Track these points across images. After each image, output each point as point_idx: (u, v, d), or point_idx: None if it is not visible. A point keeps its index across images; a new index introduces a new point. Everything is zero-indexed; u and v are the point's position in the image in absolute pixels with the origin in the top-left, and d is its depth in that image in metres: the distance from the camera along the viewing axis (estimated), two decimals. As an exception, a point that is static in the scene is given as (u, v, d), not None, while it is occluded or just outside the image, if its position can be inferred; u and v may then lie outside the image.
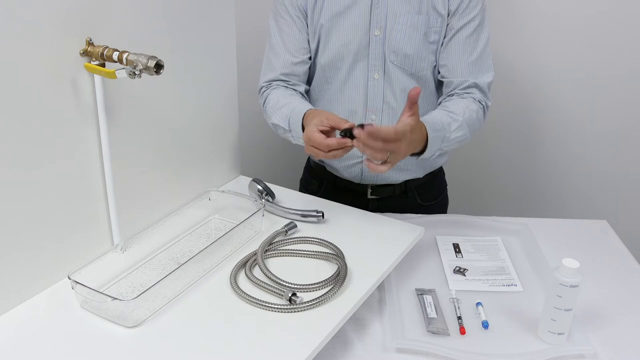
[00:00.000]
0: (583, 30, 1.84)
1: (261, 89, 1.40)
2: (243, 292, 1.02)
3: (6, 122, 0.90)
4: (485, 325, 1.09)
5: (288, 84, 1.38)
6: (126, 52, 0.97)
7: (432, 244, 1.36)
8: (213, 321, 0.97)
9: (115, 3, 1.04)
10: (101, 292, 0.95)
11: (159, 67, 0.96)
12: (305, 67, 1.39)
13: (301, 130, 1.23)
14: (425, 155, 1.21)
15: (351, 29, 1.32)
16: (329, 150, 1.12)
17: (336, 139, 1.12)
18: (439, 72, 1.37)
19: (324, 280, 1.05)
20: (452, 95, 1.34)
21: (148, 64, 0.95)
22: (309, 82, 1.44)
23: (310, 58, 1.39)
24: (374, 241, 1.20)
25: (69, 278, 0.97)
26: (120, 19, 1.05)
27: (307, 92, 1.44)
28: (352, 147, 1.11)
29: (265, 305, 0.99)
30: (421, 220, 1.41)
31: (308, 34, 1.37)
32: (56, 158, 1.00)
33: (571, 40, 1.86)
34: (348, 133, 1.11)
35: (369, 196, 1.49)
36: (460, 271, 1.26)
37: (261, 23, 1.97)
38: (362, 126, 1.09)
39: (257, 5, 1.93)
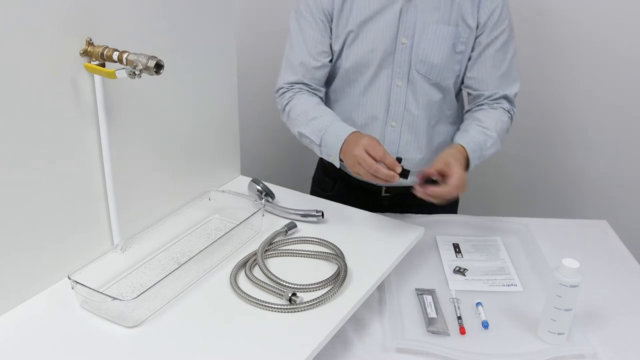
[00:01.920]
0: (583, 29, 1.84)
1: (281, 89, 1.39)
2: (243, 292, 1.02)
3: (6, 122, 0.90)
4: (485, 325, 1.09)
5: (310, 88, 1.37)
6: (126, 52, 0.97)
7: (432, 244, 1.36)
8: (213, 321, 0.97)
9: (115, 3, 1.04)
10: (101, 292, 0.95)
11: (159, 67, 0.96)
12: (325, 71, 1.38)
13: (338, 151, 1.23)
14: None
15: (378, 35, 1.31)
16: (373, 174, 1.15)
17: (385, 171, 1.14)
18: (464, 83, 1.37)
19: (324, 280, 1.05)
20: (483, 105, 1.35)
21: (148, 64, 0.95)
22: (328, 82, 1.43)
23: (330, 61, 1.38)
24: (374, 241, 1.20)
25: (69, 278, 0.97)
26: (120, 19, 1.05)
27: (325, 93, 1.43)
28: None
29: (265, 305, 0.99)
30: (421, 220, 1.41)
31: (331, 38, 1.35)
32: (56, 158, 1.00)
33: (569, 39, 1.86)
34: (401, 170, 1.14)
35: (383, 194, 1.50)
36: (460, 271, 1.26)
37: (261, 23, 1.97)
38: (406, 172, 1.15)
39: (257, 5, 1.93)
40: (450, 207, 1.58)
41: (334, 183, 1.55)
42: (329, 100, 1.45)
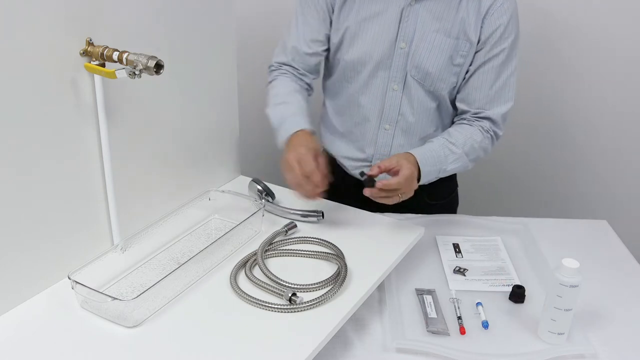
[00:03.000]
0: (577, 29, 1.84)
1: (271, 66, 1.43)
2: (243, 292, 1.02)
3: (6, 122, 0.90)
4: (485, 325, 1.09)
5: (297, 72, 1.40)
6: (126, 52, 0.97)
7: (432, 244, 1.36)
8: (213, 321, 0.97)
9: (115, 3, 1.04)
10: (101, 292, 0.95)
11: (159, 67, 0.96)
12: (317, 59, 1.39)
13: (284, 140, 1.24)
14: (422, 182, 1.25)
15: (376, 37, 1.31)
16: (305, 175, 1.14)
17: (308, 187, 1.14)
18: (456, 96, 1.36)
19: (324, 280, 1.05)
20: (462, 121, 1.34)
21: (148, 64, 0.95)
22: (329, 75, 1.44)
23: (325, 51, 1.39)
24: (374, 241, 1.20)
25: (69, 278, 0.97)
26: (120, 19, 1.05)
27: (326, 85, 1.45)
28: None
29: (265, 305, 0.99)
30: (421, 220, 1.41)
31: (330, 28, 1.36)
32: (56, 158, 1.00)
33: (566, 38, 1.86)
34: (366, 180, 1.17)
35: None
36: (460, 271, 1.26)
37: (261, 23, 1.97)
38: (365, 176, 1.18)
39: (257, 5, 1.93)
40: (449, 207, 1.58)
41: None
42: (328, 93, 1.46)
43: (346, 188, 1.41)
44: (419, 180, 1.23)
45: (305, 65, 1.40)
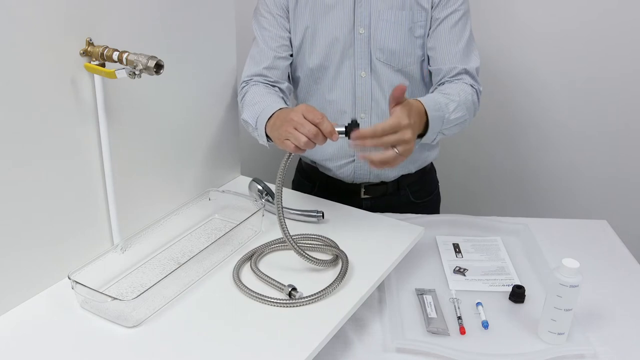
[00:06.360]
0: (580, 31, 1.84)
1: (241, 84, 1.38)
2: (245, 286, 1.03)
3: (6, 122, 0.90)
4: (485, 325, 1.10)
5: (269, 80, 1.36)
6: (126, 52, 0.98)
7: (432, 244, 1.36)
8: (213, 321, 0.97)
9: (115, 3, 1.04)
10: (101, 292, 0.95)
11: (159, 67, 0.96)
12: (287, 63, 1.38)
13: (264, 130, 1.21)
14: (427, 137, 1.19)
15: (335, 28, 1.33)
16: (313, 126, 1.03)
17: (321, 137, 1.04)
18: (429, 63, 1.37)
19: (325, 261, 1.05)
20: (443, 83, 1.34)
21: (148, 64, 0.95)
22: (295, 85, 1.44)
23: (291, 55, 1.39)
24: (374, 241, 1.20)
25: (69, 278, 0.97)
26: (120, 19, 1.06)
27: (291, 91, 1.43)
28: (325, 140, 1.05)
29: (265, 300, 1.00)
30: (421, 220, 1.41)
31: (290, 32, 1.37)
32: (56, 158, 1.00)
33: (569, 40, 1.86)
34: (348, 129, 1.04)
35: (362, 196, 1.50)
36: (460, 271, 1.26)
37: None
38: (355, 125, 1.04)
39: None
40: (432, 207, 1.59)
41: (313, 186, 1.56)
42: (299, 101, 1.46)
43: (329, 197, 1.39)
44: (426, 129, 1.16)
45: (277, 71, 1.36)
